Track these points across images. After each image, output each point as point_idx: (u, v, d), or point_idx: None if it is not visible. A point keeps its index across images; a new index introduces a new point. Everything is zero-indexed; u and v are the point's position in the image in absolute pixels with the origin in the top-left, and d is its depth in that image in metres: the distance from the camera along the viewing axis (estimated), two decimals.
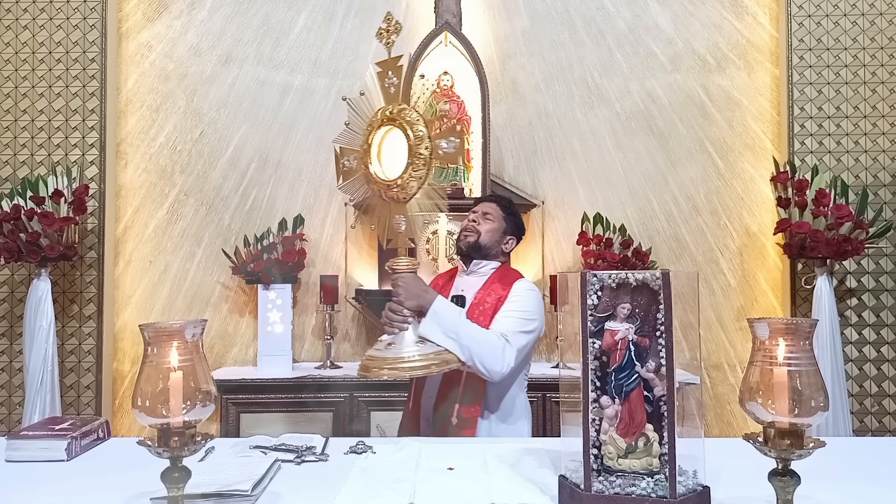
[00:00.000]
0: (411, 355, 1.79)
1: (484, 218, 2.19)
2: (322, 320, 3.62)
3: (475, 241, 2.16)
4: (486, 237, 2.17)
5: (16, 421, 3.39)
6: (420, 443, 1.74)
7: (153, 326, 1.14)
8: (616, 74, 3.76)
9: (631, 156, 3.73)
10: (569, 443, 1.29)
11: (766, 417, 1.12)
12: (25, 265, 3.42)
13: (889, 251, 3.47)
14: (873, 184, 3.48)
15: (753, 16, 3.73)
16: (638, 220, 3.71)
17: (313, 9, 3.77)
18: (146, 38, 3.71)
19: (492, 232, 2.18)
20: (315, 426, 3.14)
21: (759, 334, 1.15)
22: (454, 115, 3.46)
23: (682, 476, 1.20)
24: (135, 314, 3.65)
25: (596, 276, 1.26)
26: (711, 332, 3.63)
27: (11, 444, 1.62)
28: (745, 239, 3.69)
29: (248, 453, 1.63)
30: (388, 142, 1.80)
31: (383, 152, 1.80)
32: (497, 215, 2.21)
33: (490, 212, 2.21)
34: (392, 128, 1.77)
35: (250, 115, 3.73)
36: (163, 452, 1.11)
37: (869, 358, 3.45)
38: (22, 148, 3.51)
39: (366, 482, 1.42)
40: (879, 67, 3.51)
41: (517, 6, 3.77)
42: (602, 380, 1.24)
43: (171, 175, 3.70)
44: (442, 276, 2.33)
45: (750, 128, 3.71)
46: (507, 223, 2.22)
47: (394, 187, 1.75)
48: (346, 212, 3.70)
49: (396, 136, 1.77)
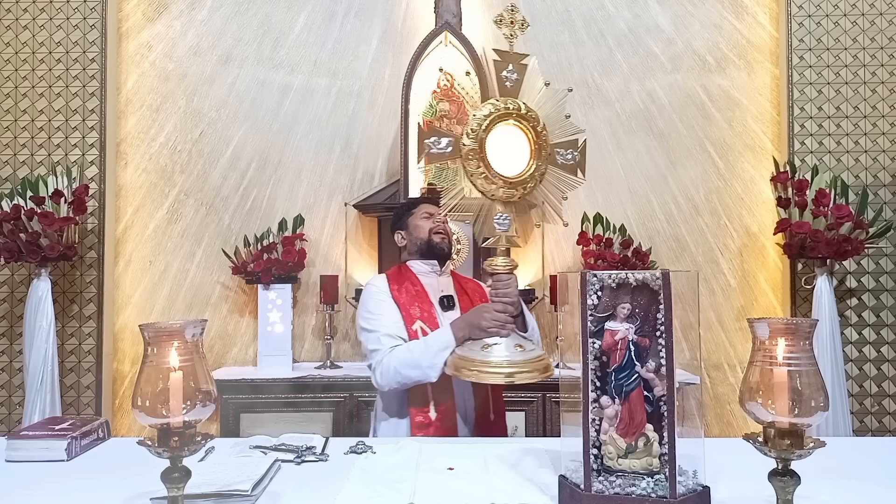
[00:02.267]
0: (513, 360, 1.69)
1: (444, 219, 2.24)
2: (322, 320, 3.62)
3: (450, 242, 2.23)
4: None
5: (16, 421, 3.39)
6: (420, 443, 1.74)
7: (153, 326, 1.14)
8: (616, 74, 3.76)
9: (631, 156, 3.73)
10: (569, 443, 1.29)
11: (766, 417, 1.12)
12: (25, 265, 3.42)
13: (889, 251, 3.47)
14: (873, 184, 3.48)
15: (753, 16, 3.73)
16: (638, 220, 3.71)
17: (313, 9, 3.77)
18: (146, 38, 3.71)
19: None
20: (315, 426, 3.14)
21: (759, 334, 1.15)
22: (454, 114, 3.46)
23: (682, 476, 1.20)
24: (135, 314, 3.64)
25: (596, 276, 1.26)
26: (711, 332, 3.63)
27: (11, 444, 1.62)
28: (745, 239, 3.69)
29: (248, 453, 1.63)
30: (497, 136, 1.70)
31: (493, 147, 1.69)
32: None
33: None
34: (506, 123, 1.70)
35: (250, 115, 3.73)
36: (163, 452, 1.10)
37: (869, 358, 3.45)
38: (22, 148, 3.51)
39: (366, 482, 1.42)
40: (879, 67, 3.51)
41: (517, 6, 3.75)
42: (602, 380, 1.24)
43: (171, 175, 3.70)
44: (398, 279, 2.18)
45: (750, 128, 3.71)
46: None
47: (515, 185, 1.69)
48: (346, 212, 3.70)
49: (510, 131, 1.70)
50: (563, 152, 1.80)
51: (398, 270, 2.22)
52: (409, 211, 2.27)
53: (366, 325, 2.07)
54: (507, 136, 1.71)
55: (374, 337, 2.03)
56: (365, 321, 2.08)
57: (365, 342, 2.08)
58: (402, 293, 2.11)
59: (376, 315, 2.07)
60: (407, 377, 1.92)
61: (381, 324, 2.04)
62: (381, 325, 2.04)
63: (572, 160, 1.81)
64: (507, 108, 1.69)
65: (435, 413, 2.02)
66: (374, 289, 2.15)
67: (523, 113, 1.70)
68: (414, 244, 2.22)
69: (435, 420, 2.02)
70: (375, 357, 2.00)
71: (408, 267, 2.22)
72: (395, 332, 2.02)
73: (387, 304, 2.09)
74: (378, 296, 2.11)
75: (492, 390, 2.11)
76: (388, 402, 2.09)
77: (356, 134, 3.75)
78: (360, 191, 3.72)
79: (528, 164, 1.71)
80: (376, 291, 2.13)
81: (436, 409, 2.02)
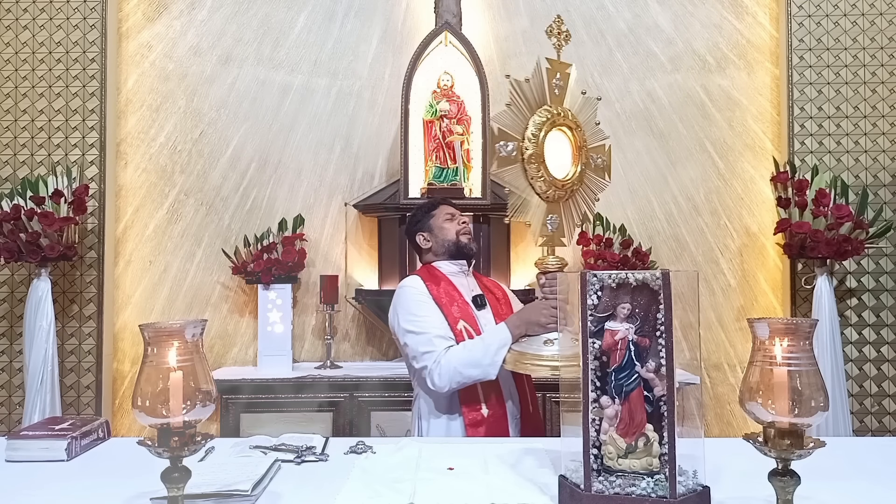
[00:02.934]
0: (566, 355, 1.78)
1: (468, 220, 2.28)
2: (322, 320, 3.62)
3: (476, 244, 2.28)
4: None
5: (16, 421, 3.39)
6: (420, 443, 1.74)
7: (153, 326, 1.14)
8: (616, 74, 3.76)
9: (631, 156, 3.73)
10: (569, 443, 1.29)
11: (766, 417, 1.12)
12: (25, 265, 3.42)
13: (889, 251, 3.47)
14: (873, 184, 3.48)
15: (753, 16, 3.73)
16: (638, 220, 3.71)
17: (313, 9, 3.77)
18: (146, 38, 3.71)
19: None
20: (315, 426, 3.14)
21: (759, 334, 1.15)
22: (454, 115, 3.46)
23: (682, 476, 1.20)
24: (135, 314, 3.65)
25: (596, 276, 1.26)
26: (711, 332, 3.63)
27: (11, 444, 1.62)
28: (745, 239, 3.70)
29: (248, 453, 1.63)
30: (550, 141, 1.79)
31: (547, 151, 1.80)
32: None
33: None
34: (555, 128, 1.79)
35: (250, 115, 3.73)
36: (163, 452, 1.10)
37: (869, 358, 3.45)
38: (22, 148, 3.51)
39: (366, 482, 1.42)
40: (879, 67, 3.51)
41: (517, 6, 3.77)
42: (602, 380, 1.24)
43: (171, 175, 3.70)
44: (433, 280, 2.17)
45: (750, 128, 3.72)
46: None
47: (564, 186, 1.79)
48: (346, 212, 3.71)
49: (557, 137, 1.80)
50: (595, 157, 1.91)
51: (428, 271, 2.20)
52: (428, 213, 2.27)
53: (412, 328, 2.04)
54: (556, 141, 1.81)
55: (425, 339, 2.00)
56: (410, 324, 2.05)
57: (413, 345, 2.04)
58: (442, 293, 2.10)
59: (421, 317, 2.05)
60: (467, 376, 1.93)
61: (430, 325, 2.03)
62: (429, 326, 2.02)
63: (603, 163, 1.94)
64: (558, 114, 1.79)
65: (487, 410, 2.04)
66: (412, 290, 2.12)
67: (570, 119, 1.81)
68: (441, 245, 2.22)
69: (488, 416, 2.03)
70: (429, 359, 1.97)
71: (436, 268, 2.21)
72: (444, 332, 2.02)
73: (428, 305, 2.07)
74: (418, 297, 2.09)
75: (529, 385, 2.16)
76: (437, 402, 2.07)
77: (356, 134, 3.76)
78: (360, 191, 3.72)
79: (573, 168, 1.83)
80: (416, 293, 2.10)
81: (488, 406, 2.04)
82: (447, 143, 3.43)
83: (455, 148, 3.43)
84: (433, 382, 1.96)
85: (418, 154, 3.49)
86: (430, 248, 2.25)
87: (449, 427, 2.04)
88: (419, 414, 2.15)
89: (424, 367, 1.99)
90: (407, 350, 2.08)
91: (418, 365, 2.02)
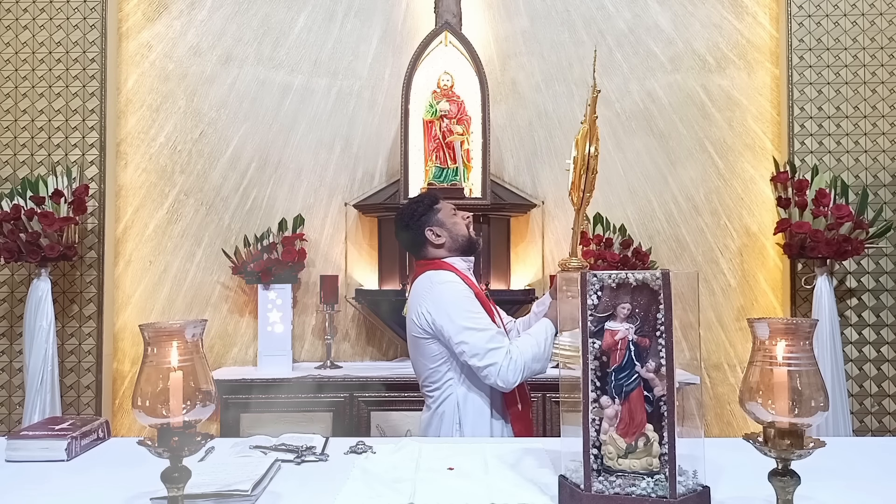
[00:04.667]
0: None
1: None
2: (322, 320, 3.62)
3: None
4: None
5: (16, 421, 3.39)
6: (420, 443, 1.74)
7: (153, 326, 1.14)
8: (616, 74, 3.76)
9: (631, 156, 3.73)
10: (569, 443, 1.29)
11: (766, 417, 1.12)
12: (25, 265, 3.42)
13: (889, 251, 3.47)
14: (873, 184, 3.48)
15: (753, 16, 3.73)
16: (638, 220, 3.71)
17: (313, 9, 3.77)
18: (146, 38, 3.71)
19: None
20: (315, 426, 3.14)
21: (759, 334, 1.15)
22: (454, 115, 3.46)
23: (682, 476, 1.20)
24: (135, 314, 3.65)
25: (596, 276, 1.26)
26: (711, 332, 3.63)
27: (11, 444, 1.62)
28: (745, 239, 3.69)
29: (248, 453, 1.63)
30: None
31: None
32: None
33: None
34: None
35: (250, 115, 3.73)
36: (163, 452, 1.10)
37: (869, 358, 3.45)
38: (22, 148, 3.51)
39: (366, 482, 1.42)
40: (879, 67, 3.51)
41: (517, 6, 3.77)
42: (602, 380, 1.24)
43: (171, 175, 3.70)
44: (462, 277, 2.13)
45: (750, 128, 3.71)
46: None
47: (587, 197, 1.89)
48: (346, 212, 3.71)
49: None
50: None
51: (452, 267, 2.12)
52: (431, 207, 2.16)
53: (473, 325, 1.98)
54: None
55: (489, 335, 1.97)
56: (470, 321, 1.99)
57: (475, 342, 1.96)
58: (475, 289, 2.09)
59: (478, 313, 2.02)
60: (532, 370, 1.95)
61: (488, 321, 2.01)
62: (488, 322, 2.01)
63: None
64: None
65: (521, 405, 2.07)
66: (459, 286, 2.05)
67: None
68: (455, 241, 2.14)
69: (522, 412, 2.07)
70: (499, 355, 1.93)
71: (451, 264, 2.13)
72: (499, 328, 2.03)
73: (477, 301, 2.05)
74: (467, 293, 2.05)
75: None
76: (473, 400, 2.05)
77: (356, 134, 3.75)
78: (360, 191, 3.72)
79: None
80: (463, 289, 2.05)
81: (521, 401, 2.08)
82: (447, 143, 3.43)
83: (455, 148, 3.44)
84: (504, 379, 1.92)
85: (418, 154, 3.49)
86: (443, 243, 2.14)
87: (493, 424, 2.05)
88: (458, 417, 2.05)
89: (492, 363, 1.93)
90: (464, 348, 1.97)
91: (483, 362, 1.94)
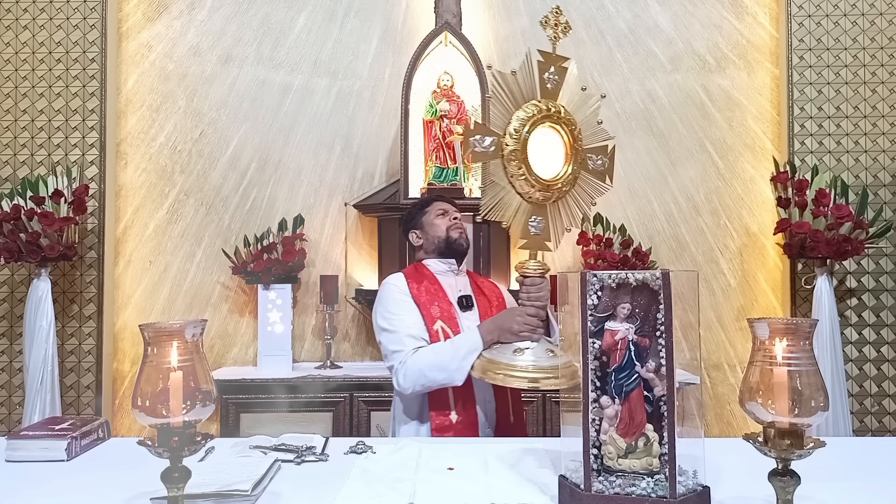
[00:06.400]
0: (540, 366, 1.68)
1: (460, 216, 2.23)
2: (322, 320, 3.62)
3: (467, 239, 2.21)
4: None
5: (16, 421, 3.39)
6: (420, 443, 1.74)
7: (153, 326, 1.14)
8: (616, 74, 3.76)
9: (631, 156, 3.73)
10: (569, 443, 1.29)
11: (766, 417, 1.12)
12: (25, 265, 3.42)
13: (889, 251, 3.47)
14: (873, 184, 3.48)
15: (753, 16, 3.73)
16: (638, 220, 3.71)
17: (313, 9, 3.77)
18: (146, 38, 3.71)
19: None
20: (315, 426, 3.14)
21: (759, 334, 1.15)
22: (454, 115, 3.46)
23: (682, 476, 1.20)
24: (135, 314, 3.65)
25: (596, 276, 1.26)
26: (711, 332, 3.63)
27: (11, 444, 1.62)
28: (745, 239, 3.70)
29: (248, 453, 1.63)
30: (537, 138, 1.68)
31: (532, 149, 1.67)
32: None
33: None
34: (544, 125, 1.68)
35: (250, 115, 3.73)
36: (163, 452, 1.10)
37: (869, 358, 3.45)
38: (22, 148, 3.51)
39: (366, 482, 1.42)
40: (879, 67, 3.51)
41: (517, 6, 3.77)
42: (602, 380, 1.24)
43: (171, 175, 3.70)
44: (417, 278, 2.13)
45: (750, 128, 3.72)
46: None
47: (551, 187, 1.68)
48: (346, 212, 3.71)
49: (548, 134, 1.69)
50: (594, 158, 1.79)
51: (415, 269, 2.17)
52: (422, 210, 2.23)
53: (386, 326, 2.02)
54: (546, 138, 1.69)
55: (396, 337, 1.98)
56: (384, 321, 2.03)
57: (385, 343, 2.02)
58: (422, 292, 2.07)
59: (396, 315, 2.02)
60: (432, 380, 1.88)
61: (403, 324, 1.99)
62: (402, 325, 1.99)
63: (602, 166, 1.80)
64: (548, 109, 1.67)
65: (456, 416, 1.99)
66: (392, 288, 2.09)
67: (562, 116, 1.69)
68: (431, 243, 2.18)
69: (456, 423, 1.98)
70: (397, 358, 1.95)
71: (424, 266, 2.18)
72: (417, 332, 1.98)
73: (406, 304, 2.04)
74: (397, 295, 2.06)
75: (511, 393, 2.08)
76: (408, 405, 2.04)
77: (356, 134, 3.76)
78: (360, 191, 3.72)
79: (564, 168, 1.70)
80: (395, 290, 2.08)
81: (457, 412, 1.98)
82: (447, 143, 3.43)
83: (455, 148, 3.43)
84: (398, 383, 1.93)
85: (418, 154, 3.49)
86: (422, 245, 2.21)
87: (418, 430, 2.01)
88: (393, 415, 2.13)
89: (391, 366, 1.97)
90: (381, 348, 2.05)
91: (387, 363, 2.00)
